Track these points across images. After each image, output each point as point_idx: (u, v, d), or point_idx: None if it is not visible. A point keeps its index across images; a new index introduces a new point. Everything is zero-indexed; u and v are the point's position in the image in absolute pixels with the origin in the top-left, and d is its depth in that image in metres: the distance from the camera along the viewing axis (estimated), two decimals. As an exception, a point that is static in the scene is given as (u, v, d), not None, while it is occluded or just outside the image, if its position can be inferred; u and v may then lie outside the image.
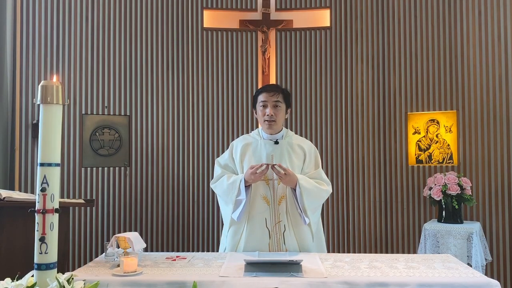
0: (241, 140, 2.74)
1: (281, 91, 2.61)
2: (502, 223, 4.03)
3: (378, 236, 4.34)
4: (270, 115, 2.56)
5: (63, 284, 1.42)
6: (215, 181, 2.66)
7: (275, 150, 2.60)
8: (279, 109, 2.58)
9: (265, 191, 2.54)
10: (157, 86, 4.37)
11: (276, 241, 2.48)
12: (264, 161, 2.54)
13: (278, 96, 2.58)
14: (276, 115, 2.57)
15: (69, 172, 4.13)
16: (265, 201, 2.54)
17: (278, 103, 2.58)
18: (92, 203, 3.88)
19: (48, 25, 4.16)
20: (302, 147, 2.66)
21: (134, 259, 1.99)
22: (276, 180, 2.53)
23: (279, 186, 2.53)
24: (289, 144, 2.64)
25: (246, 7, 4.52)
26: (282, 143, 2.63)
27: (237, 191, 2.49)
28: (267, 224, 2.50)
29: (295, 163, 2.59)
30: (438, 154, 4.25)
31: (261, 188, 2.54)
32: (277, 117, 2.58)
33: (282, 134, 2.66)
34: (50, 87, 1.53)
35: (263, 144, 2.64)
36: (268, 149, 2.61)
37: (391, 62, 4.38)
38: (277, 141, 2.62)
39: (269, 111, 2.56)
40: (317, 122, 4.44)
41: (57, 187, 1.54)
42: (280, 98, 2.59)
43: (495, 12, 4.11)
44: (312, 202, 2.50)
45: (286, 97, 2.63)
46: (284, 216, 2.51)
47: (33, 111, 4.06)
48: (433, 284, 1.84)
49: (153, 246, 4.29)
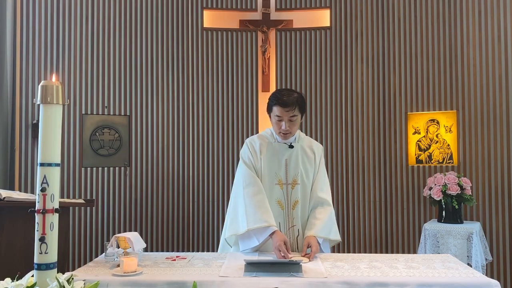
0: (258, 138, 2.66)
1: (296, 103, 2.45)
2: (502, 223, 4.02)
3: (378, 236, 4.34)
4: (286, 129, 2.49)
5: (63, 284, 1.42)
6: (248, 184, 2.50)
7: (290, 155, 2.57)
8: (295, 122, 2.50)
9: (280, 195, 2.53)
10: (157, 86, 4.37)
11: (290, 245, 2.42)
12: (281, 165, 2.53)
13: (293, 110, 2.46)
14: (291, 128, 2.50)
15: (69, 172, 4.13)
16: (279, 205, 2.52)
17: (294, 117, 2.48)
18: (92, 203, 3.88)
19: (48, 25, 4.16)
20: (313, 150, 2.64)
21: (134, 259, 1.99)
22: (290, 185, 2.53)
23: (293, 191, 2.53)
24: (302, 147, 2.62)
25: (246, 7, 4.52)
26: (296, 146, 2.60)
27: (260, 236, 2.38)
28: (280, 228, 2.48)
29: (308, 168, 2.58)
30: (438, 154, 4.25)
31: (276, 192, 2.52)
32: (292, 129, 2.52)
33: (295, 137, 2.63)
34: (50, 87, 1.53)
35: (278, 147, 2.59)
36: (284, 153, 2.57)
37: (391, 62, 4.38)
38: (291, 145, 2.59)
39: (285, 126, 2.48)
40: (317, 122, 4.44)
41: (57, 187, 1.54)
42: (296, 112, 2.47)
43: (495, 12, 4.11)
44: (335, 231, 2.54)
45: (301, 106, 2.49)
46: (298, 220, 2.51)
47: (33, 111, 4.06)
48: (433, 284, 1.84)
49: (153, 246, 4.29)
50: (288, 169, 2.56)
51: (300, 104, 2.48)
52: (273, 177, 2.54)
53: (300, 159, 2.58)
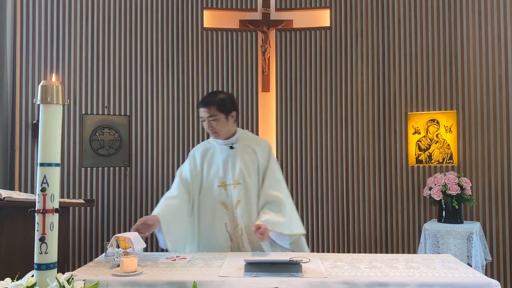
0: (201, 146, 2.79)
1: (214, 103, 2.55)
2: (502, 223, 4.02)
3: (378, 236, 4.34)
4: (208, 128, 2.60)
5: (63, 284, 1.42)
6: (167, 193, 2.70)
7: (230, 156, 2.63)
8: (216, 121, 2.56)
9: (223, 197, 2.59)
10: (157, 86, 4.37)
11: (237, 244, 2.53)
12: (221, 167, 2.61)
13: (210, 111, 2.54)
14: (214, 127, 2.57)
15: (69, 172, 4.13)
16: (224, 206, 2.58)
17: (213, 117, 2.55)
18: (92, 203, 3.88)
19: (48, 25, 4.16)
20: (254, 149, 2.66)
21: (134, 259, 1.99)
22: (233, 185, 2.58)
23: (235, 191, 2.57)
24: (243, 147, 2.65)
25: (246, 7, 4.52)
26: (237, 147, 2.64)
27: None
28: (227, 228, 2.55)
29: (250, 167, 2.61)
30: (438, 154, 4.25)
31: (220, 194, 2.59)
32: (217, 128, 2.58)
33: (237, 137, 2.67)
34: (50, 87, 1.53)
35: (219, 149, 2.67)
36: (224, 154, 2.64)
37: (391, 62, 4.38)
38: (232, 146, 2.64)
39: (206, 126, 2.60)
40: (317, 122, 4.44)
41: (57, 187, 1.54)
42: (214, 112, 2.54)
43: (495, 12, 4.11)
44: (286, 226, 2.50)
45: (222, 106, 2.56)
46: (240, 220, 2.55)
47: (33, 111, 4.06)
48: (433, 284, 1.84)
49: (153, 246, 4.28)
50: (229, 170, 2.60)
51: (219, 105, 2.56)
52: (216, 180, 2.61)
53: (240, 159, 2.61)
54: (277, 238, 2.48)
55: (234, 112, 2.63)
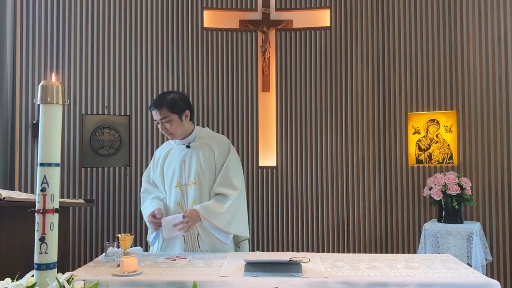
0: (162, 147, 2.80)
1: (165, 105, 2.52)
2: (502, 223, 4.02)
3: (378, 236, 4.34)
4: (163, 131, 2.58)
5: (63, 284, 1.42)
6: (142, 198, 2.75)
7: (187, 155, 2.63)
8: (170, 123, 2.55)
9: (179, 197, 2.59)
10: (157, 86, 4.37)
11: (191, 244, 2.52)
12: (177, 167, 2.61)
13: (162, 112, 2.52)
14: (169, 129, 2.56)
15: (69, 172, 4.13)
16: (179, 207, 2.58)
17: (166, 119, 2.53)
18: (92, 203, 3.88)
19: (48, 25, 4.16)
20: (212, 147, 2.66)
21: (134, 259, 1.99)
22: (188, 185, 2.58)
23: (190, 191, 2.57)
24: (200, 146, 2.65)
25: (246, 7, 4.52)
26: (193, 146, 2.64)
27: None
28: None
29: (205, 166, 2.60)
30: (438, 154, 4.25)
31: (176, 194, 2.59)
32: (171, 130, 2.57)
33: (195, 136, 2.67)
34: (50, 87, 1.53)
35: (177, 150, 2.67)
36: (181, 154, 2.64)
37: (391, 62, 4.38)
38: (188, 145, 2.64)
39: (161, 128, 2.58)
40: (317, 122, 4.44)
41: (57, 187, 1.54)
42: (166, 113, 2.52)
43: (495, 12, 4.11)
44: (222, 219, 2.51)
45: (173, 107, 2.54)
46: None
47: (33, 111, 4.06)
48: (433, 284, 1.84)
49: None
50: (185, 170, 2.60)
51: (170, 105, 2.53)
52: (172, 180, 2.62)
53: (196, 158, 2.61)
54: (212, 228, 2.50)
55: (187, 111, 2.60)
